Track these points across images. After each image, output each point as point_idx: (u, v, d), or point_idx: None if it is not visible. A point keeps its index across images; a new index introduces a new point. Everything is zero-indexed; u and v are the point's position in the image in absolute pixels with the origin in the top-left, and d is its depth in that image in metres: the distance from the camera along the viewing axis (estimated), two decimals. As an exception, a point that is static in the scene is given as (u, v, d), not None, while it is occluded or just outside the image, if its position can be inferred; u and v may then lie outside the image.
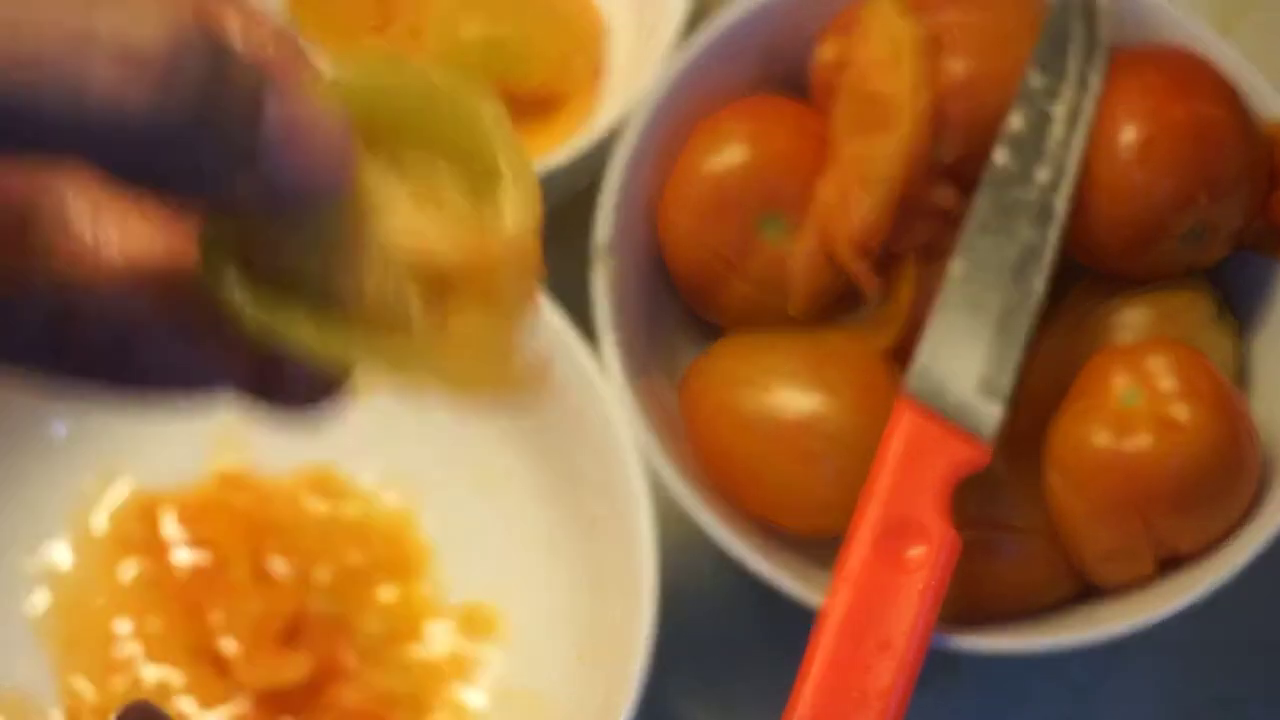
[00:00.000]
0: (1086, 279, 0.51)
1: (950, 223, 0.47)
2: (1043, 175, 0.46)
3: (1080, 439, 0.45)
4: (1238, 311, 0.50)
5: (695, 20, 0.52)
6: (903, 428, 0.43)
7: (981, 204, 0.46)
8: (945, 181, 0.48)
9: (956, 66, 0.47)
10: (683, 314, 0.53)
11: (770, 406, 0.48)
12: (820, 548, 0.51)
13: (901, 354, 0.49)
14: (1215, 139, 0.47)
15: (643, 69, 0.52)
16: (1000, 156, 0.46)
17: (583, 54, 0.57)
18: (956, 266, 0.45)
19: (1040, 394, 0.51)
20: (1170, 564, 0.49)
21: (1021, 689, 0.54)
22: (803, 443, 0.48)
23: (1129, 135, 0.47)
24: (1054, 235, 0.46)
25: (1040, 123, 0.47)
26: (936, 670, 0.54)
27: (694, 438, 0.50)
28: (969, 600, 0.48)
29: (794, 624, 0.54)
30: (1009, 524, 0.47)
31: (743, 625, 0.54)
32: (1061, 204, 0.46)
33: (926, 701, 0.53)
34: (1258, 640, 0.55)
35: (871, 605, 0.42)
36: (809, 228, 0.48)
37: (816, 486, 0.48)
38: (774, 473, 0.48)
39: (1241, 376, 0.50)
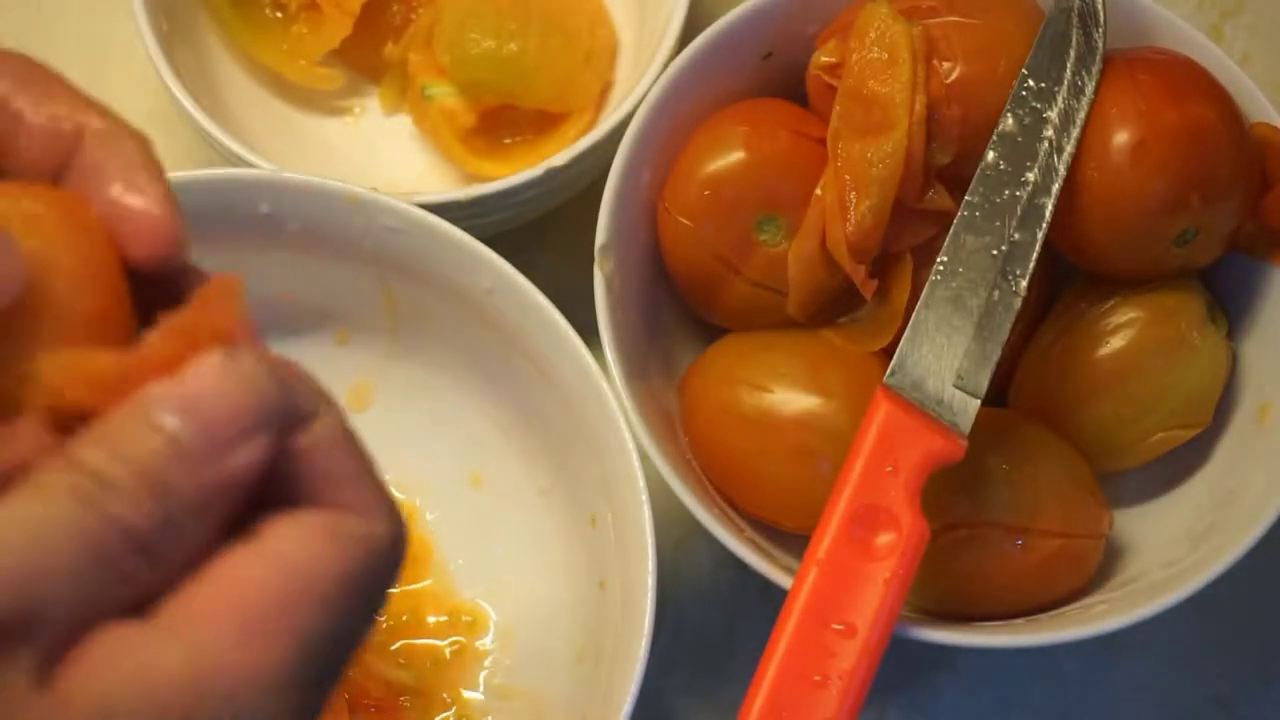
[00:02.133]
0: (1080, 280, 0.51)
1: (946, 224, 0.47)
2: (1032, 177, 0.46)
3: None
4: (1229, 312, 0.51)
5: (692, 29, 0.52)
6: (880, 418, 0.44)
7: (971, 202, 0.46)
8: (941, 183, 0.48)
9: (952, 69, 0.47)
10: (682, 314, 0.53)
11: (768, 406, 0.49)
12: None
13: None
14: (1207, 142, 0.47)
15: (641, 83, 0.52)
16: (991, 156, 0.47)
17: (591, 72, 0.57)
18: (942, 262, 0.46)
19: (1035, 393, 0.51)
20: (1167, 564, 0.50)
21: (1018, 686, 0.54)
22: (800, 442, 0.48)
23: (1122, 138, 0.47)
24: (1040, 236, 0.46)
25: (1033, 125, 0.47)
26: (934, 667, 0.54)
27: (693, 437, 0.50)
28: (966, 598, 0.49)
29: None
30: (1007, 523, 0.48)
31: (743, 625, 0.54)
32: (1050, 206, 0.46)
33: (924, 698, 0.54)
34: (1251, 638, 0.55)
35: (838, 589, 0.42)
36: (807, 229, 0.49)
37: (814, 485, 0.48)
38: (772, 472, 0.49)
39: (1232, 377, 0.51)
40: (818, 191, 0.48)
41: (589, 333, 0.47)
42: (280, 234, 0.49)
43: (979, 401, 0.44)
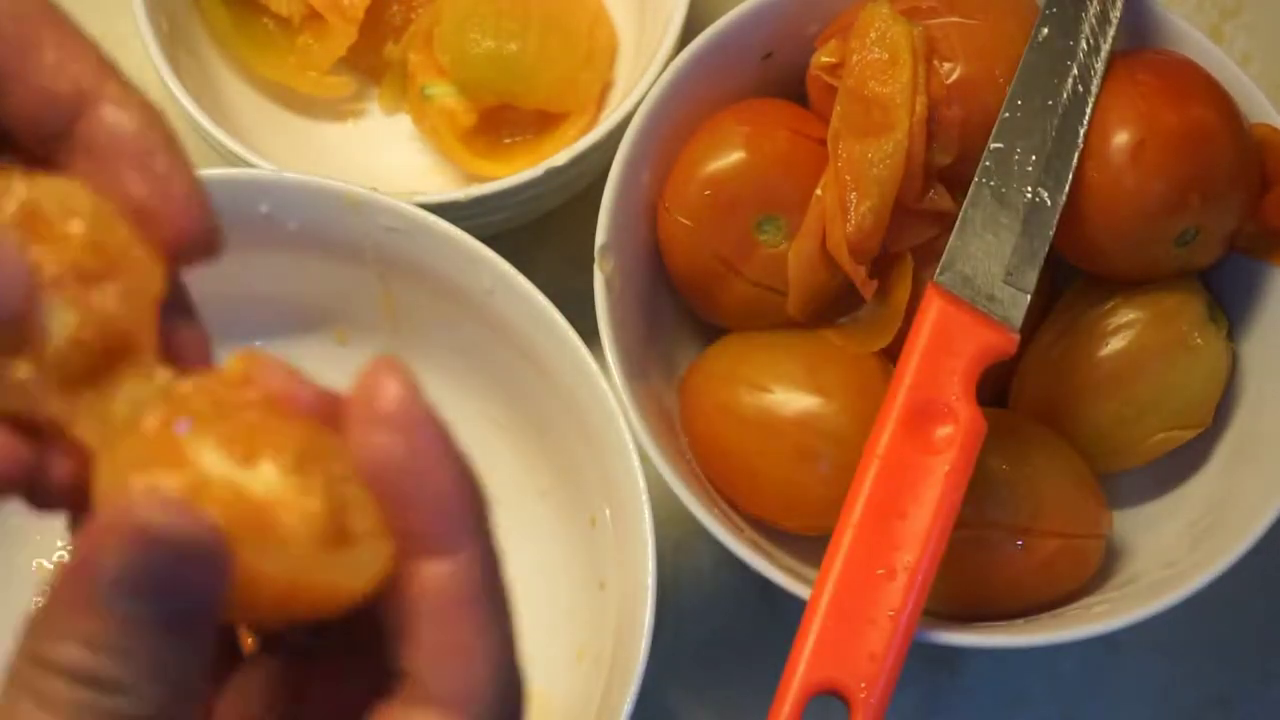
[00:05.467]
0: (1080, 281, 0.51)
1: (947, 225, 0.47)
2: (1072, 76, 0.47)
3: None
4: (1229, 313, 0.51)
5: (692, 29, 0.52)
6: (931, 315, 0.45)
7: (1013, 102, 0.47)
8: (942, 184, 0.48)
9: (953, 70, 0.47)
10: (682, 314, 0.53)
11: (768, 406, 0.48)
12: (819, 546, 0.51)
13: (897, 354, 0.49)
14: (1207, 142, 0.47)
15: (641, 83, 0.52)
16: (1031, 59, 0.47)
17: (591, 71, 0.57)
18: (988, 162, 0.46)
19: (1035, 394, 0.51)
20: (1167, 565, 0.50)
21: (1019, 688, 0.54)
22: (800, 442, 0.48)
23: (1121, 139, 0.47)
24: (1083, 133, 0.47)
25: (1067, 30, 0.47)
26: (935, 668, 0.54)
27: (693, 437, 0.50)
28: (967, 598, 0.49)
29: (794, 623, 0.54)
30: (1007, 523, 0.48)
31: (743, 625, 0.54)
32: (1090, 106, 0.47)
33: (924, 698, 0.54)
34: (1251, 638, 0.55)
35: (899, 484, 0.43)
36: (807, 229, 0.49)
37: (813, 485, 0.48)
38: (771, 472, 0.49)
39: (1232, 377, 0.51)
40: (818, 192, 0.48)
41: (589, 333, 0.47)
42: (280, 234, 0.49)
43: (1029, 296, 0.45)
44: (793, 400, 0.48)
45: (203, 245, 0.26)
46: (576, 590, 0.50)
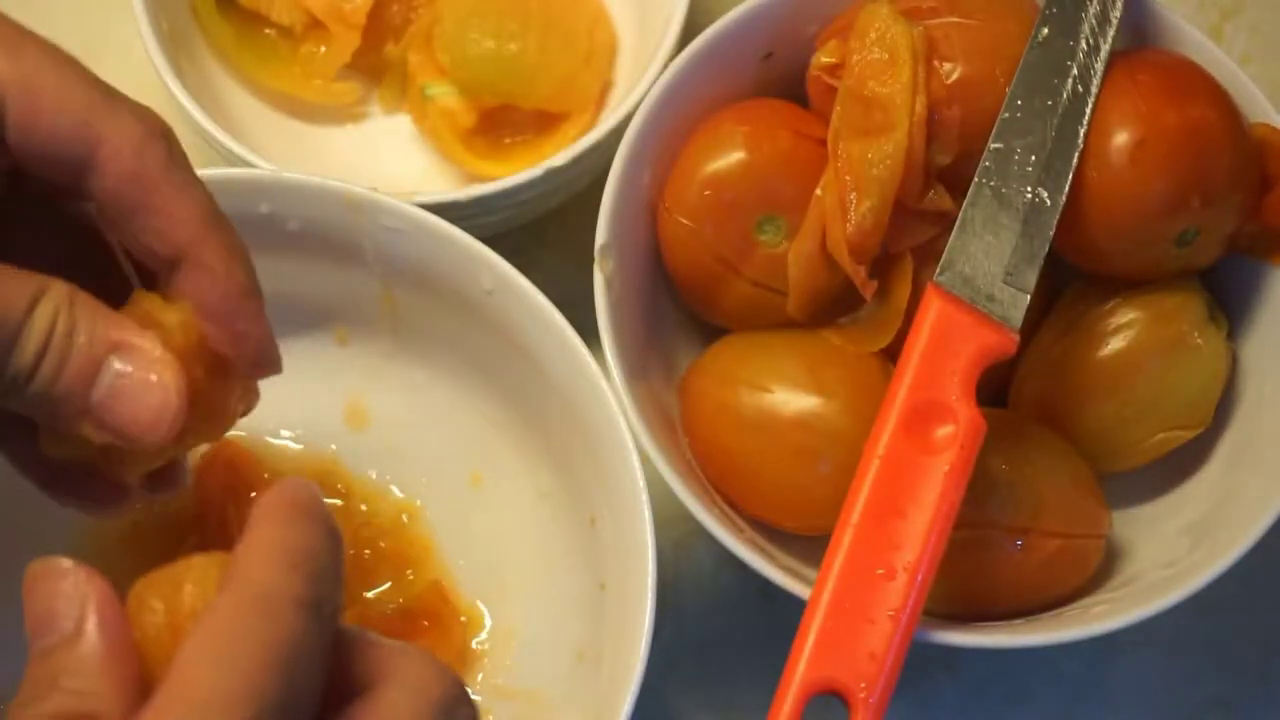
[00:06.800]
0: (1080, 282, 0.51)
1: (947, 225, 0.47)
2: (1072, 74, 0.47)
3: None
4: (1230, 313, 0.51)
5: (692, 29, 0.52)
6: (930, 315, 0.45)
7: (1013, 102, 0.47)
8: (941, 184, 0.48)
9: (953, 70, 0.47)
10: (682, 314, 0.53)
11: (768, 407, 0.49)
12: (819, 546, 0.51)
13: (898, 354, 0.49)
14: (1207, 142, 0.47)
15: (641, 83, 0.52)
16: (1031, 58, 0.47)
17: (590, 72, 0.57)
18: (987, 162, 0.46)
19: (1035, 394, 0.51)
20: (1166, 565, 0.50)
21: (1019, 688, 0.54)
22: (800, 442, 0.48)
23: (1121, 138, 0.47)
24: (1083, 133, 0.47)
25: (1067, 30, 0.47)
26: (935, 668, 0.54)
27: (693, 437, 0.50)
28: (967, 598, 0.49)
29: (793, 623, 0.54)
30: (1007, 523, 0.48)
31: (743, 625, 0.54)
32: (1089, 107, 0.47)
33: (925, 698, 0.54)
34: (1251, 639, 0.55)
35: (899, 484, 0.43)
36: (807, 229, 0.49)
37: (814, 485, 0.48)
38: (772, 472, 0.49)
39: (1232, 378, 0.51)
40: (818, 192, 0.48)
41: (589, 333, 0.47)
42: (280, 234, 0.49)
43: (1028, 296, 0.45)
44: (793, 400, 0.48)
45: (267, 372, 0.35)
46: (576, 590, 0.50)
